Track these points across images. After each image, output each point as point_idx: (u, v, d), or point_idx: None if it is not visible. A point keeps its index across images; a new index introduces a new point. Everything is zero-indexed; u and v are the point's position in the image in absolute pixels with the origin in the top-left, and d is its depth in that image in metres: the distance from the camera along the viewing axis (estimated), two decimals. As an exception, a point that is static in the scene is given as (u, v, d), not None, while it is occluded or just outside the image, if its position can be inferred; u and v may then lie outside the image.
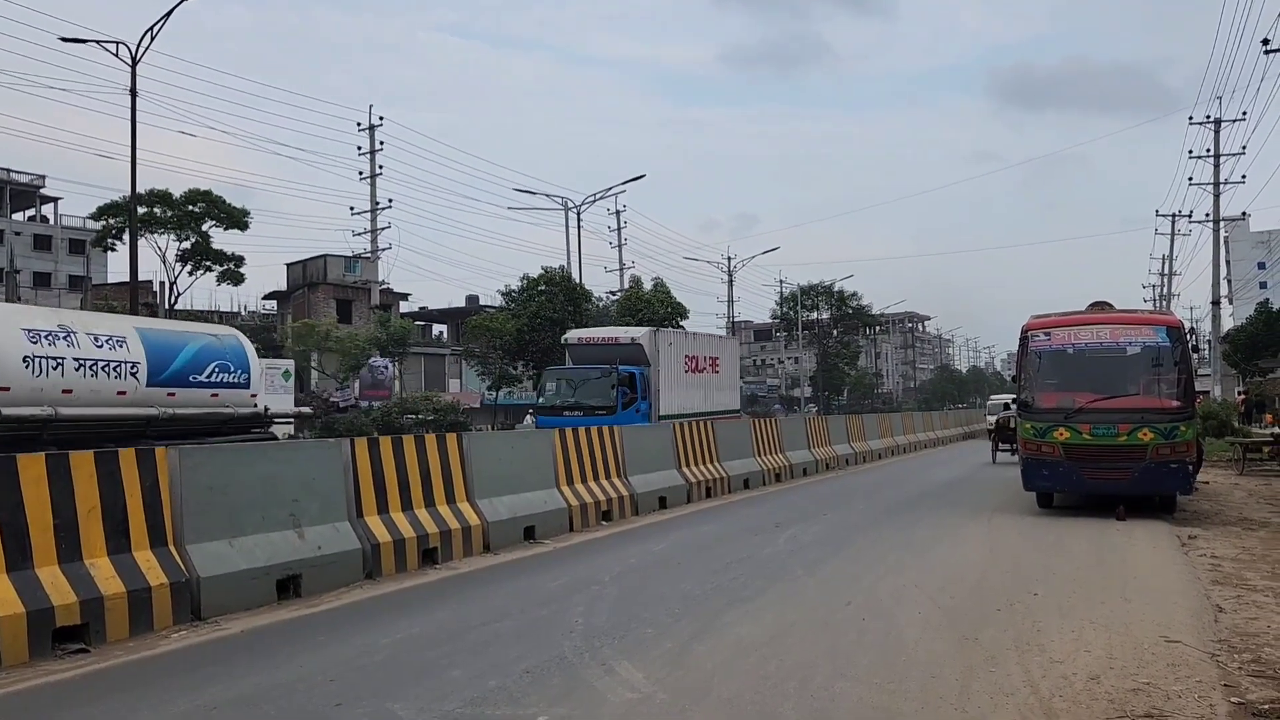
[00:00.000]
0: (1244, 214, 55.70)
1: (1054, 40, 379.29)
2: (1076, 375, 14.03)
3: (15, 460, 6.81)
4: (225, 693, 5.78)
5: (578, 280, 42.41)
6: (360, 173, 45.70)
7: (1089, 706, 5.25)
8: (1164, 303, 61.27)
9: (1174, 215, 54.75)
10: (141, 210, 38.16)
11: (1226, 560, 9.94)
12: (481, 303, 59.43)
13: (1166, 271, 60.83)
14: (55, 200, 66.49)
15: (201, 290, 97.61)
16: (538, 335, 39.14)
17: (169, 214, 42.94)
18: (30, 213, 65.45)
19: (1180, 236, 56.06)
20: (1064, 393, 13.91)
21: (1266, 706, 5.26)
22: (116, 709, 5.55)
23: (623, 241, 54.74)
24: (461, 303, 66.76)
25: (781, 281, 74.95)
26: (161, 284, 46.17)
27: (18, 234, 62.29)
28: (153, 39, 25.68)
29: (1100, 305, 15.17)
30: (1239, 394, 33.14)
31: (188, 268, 45.44)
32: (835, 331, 74.63)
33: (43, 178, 63.99)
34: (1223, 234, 46.70)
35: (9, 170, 62.52)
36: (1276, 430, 22.23)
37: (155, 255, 44.42)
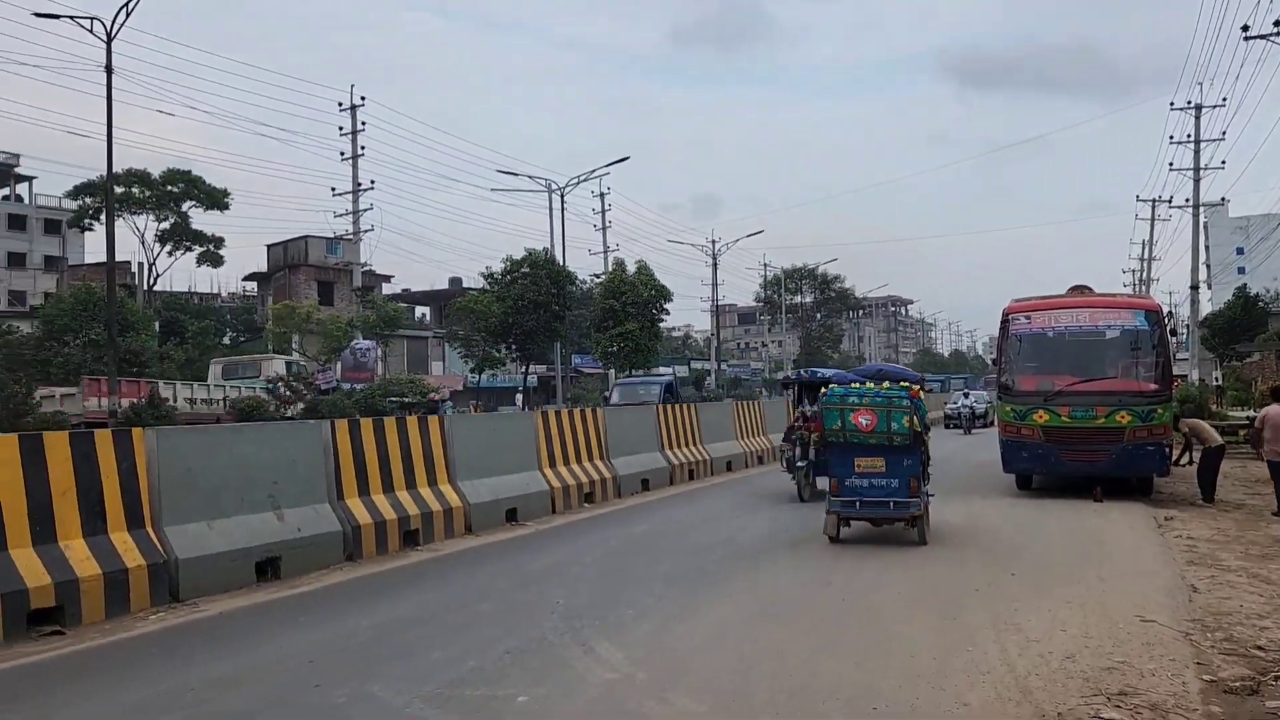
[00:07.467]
0: (1223, 199, 56.09)
1: (1006, 20, 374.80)
2: (1056, 358, 14.14)
3: (-12, 441, 6.73)
4: (203, 674, 5.75)
5: (562, 262, 42.22)
6: (342, 153, 45.23)
7: (1064, 685, 5.30)
8: (1143, 287, 61.65)
9: (1154, 200, 54.91)
10: (119, 190, 37.72)
11: (1202, 541, 10.05)
12: (464, 285, 59.08)
13: (1146, 256, 61.28)
14: (30, 179, 65.53)
15: (181, 271, 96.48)
16: (522, 318, 38.99)
17: (147, 194, 42.50)
18: (4, 192, 64.57)
19: (1160, 221, 56.25)
20: (1044, 375, 14.01)
21: (1238, 684, 5.33)
22: (93, 690, 5.51)
23: (607, 224, 54.45)
24: (444, 284, 66.42)
25: (766, 265, 74.87)
26: (140, 265, 45.76)
27: (-8, 214, 61.39)
28: (128, 15, 25.30)
29: (1080, 289, 15.26)
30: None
31: (167, 248, 45.05)
32: (819, 315, 74.77)
33: (17, 156, 63.02)
34: (1202, 219, 46.99)
35: (-17, 149, 61.53)
36: (1251, 414, 22.47)
37: (133, 236, 43.99)
